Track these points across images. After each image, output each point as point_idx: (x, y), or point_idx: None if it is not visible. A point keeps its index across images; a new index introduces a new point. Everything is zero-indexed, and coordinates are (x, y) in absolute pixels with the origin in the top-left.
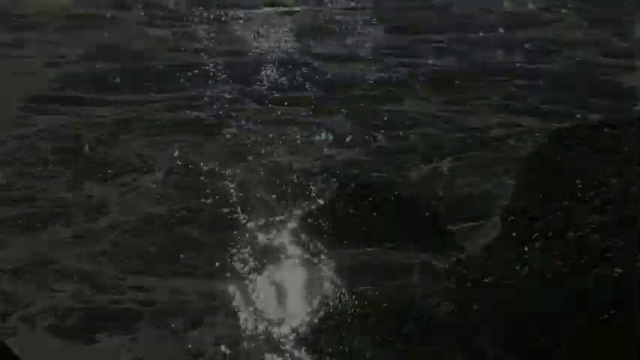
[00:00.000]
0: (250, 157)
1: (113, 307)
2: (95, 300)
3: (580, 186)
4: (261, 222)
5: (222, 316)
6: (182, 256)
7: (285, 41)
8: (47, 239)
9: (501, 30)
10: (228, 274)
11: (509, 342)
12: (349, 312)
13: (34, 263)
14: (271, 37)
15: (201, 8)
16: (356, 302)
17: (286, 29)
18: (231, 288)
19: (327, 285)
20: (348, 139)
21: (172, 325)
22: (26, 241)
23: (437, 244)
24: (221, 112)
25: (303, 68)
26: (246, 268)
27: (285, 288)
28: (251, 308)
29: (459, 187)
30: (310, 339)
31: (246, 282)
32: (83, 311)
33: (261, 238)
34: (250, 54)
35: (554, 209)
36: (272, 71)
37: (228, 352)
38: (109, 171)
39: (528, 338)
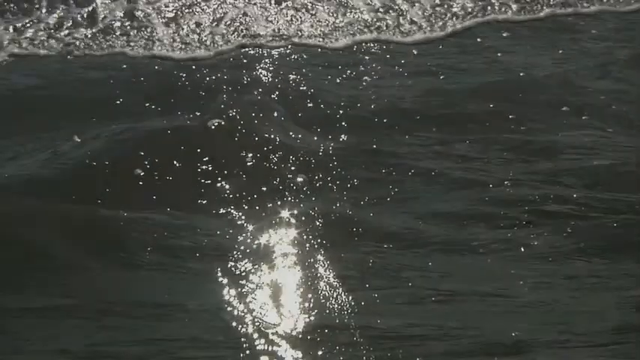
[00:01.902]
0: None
1: None
2: None
3: None
4: (256, 222)
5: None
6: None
7: None
8: None
9: None
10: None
11: None
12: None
13: None
14: None
15: None
16: (352, 303)
17: None
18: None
19: (323, 285)
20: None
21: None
22: None
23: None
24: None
25: None
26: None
27: (280, 289)
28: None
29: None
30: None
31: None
32: None
33: (258, 240)
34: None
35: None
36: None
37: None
38: None
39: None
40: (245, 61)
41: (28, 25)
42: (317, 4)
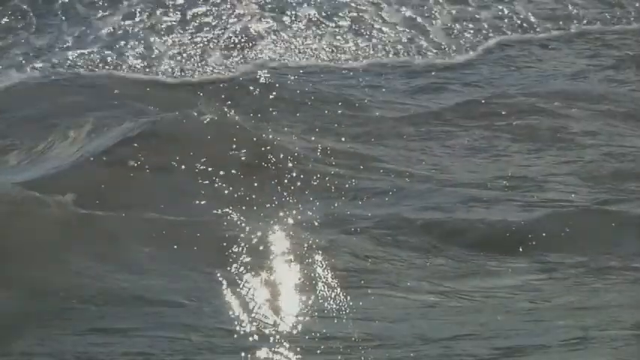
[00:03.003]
0: None
1: None
2: None
3: None
4: (254, 222)
5: None
6: None
7: None
8: None
9: None
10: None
11: None
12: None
13: None
14: None
15: None
16: (350, 303)
17: None
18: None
19: (321, 285)
20: None
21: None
22: None
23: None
24: None
25: None
26: None
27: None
28: None
29: None
30: None
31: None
32: None
33: (256, 239)
34: None
35: None
36: None
37: None
38: None
39: None
40: (262, 79)
41: (34, 47)
42: (337, 25)
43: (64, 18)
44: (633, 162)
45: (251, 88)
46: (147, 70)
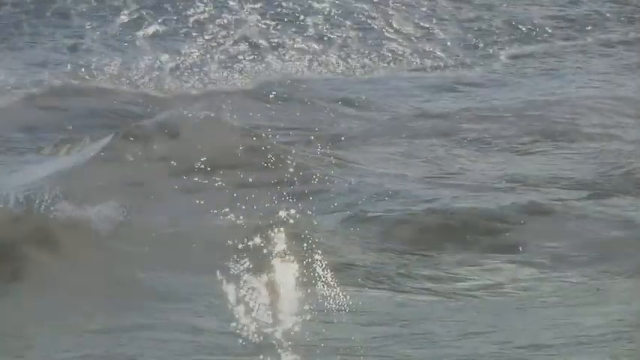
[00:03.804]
0: None
1: None
2: None
3: None
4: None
5: None
6: None
7: None
8: None
9: None
10: None
11: None
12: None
13: None
14: None
15: None
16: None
17: None
18: None
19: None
20: None
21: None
22: None
23: None
24: None
25: None
26: None
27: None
28: None
29: None
30: None
31: None
32: None
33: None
34: None
35: None
36: None
37: None
38: None
39: None
40: (264, 85)
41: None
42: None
43: (58, 27)
44: (634, 160)
45: (252, 91)
46: (145, 77)
